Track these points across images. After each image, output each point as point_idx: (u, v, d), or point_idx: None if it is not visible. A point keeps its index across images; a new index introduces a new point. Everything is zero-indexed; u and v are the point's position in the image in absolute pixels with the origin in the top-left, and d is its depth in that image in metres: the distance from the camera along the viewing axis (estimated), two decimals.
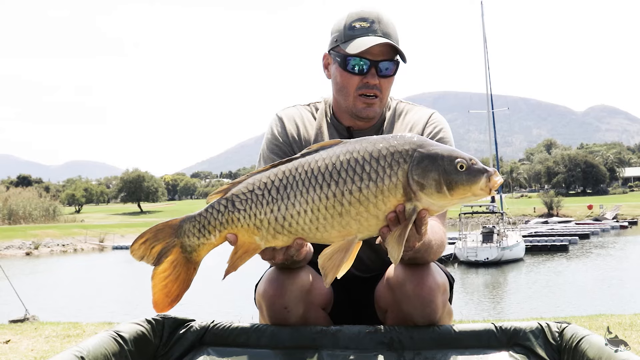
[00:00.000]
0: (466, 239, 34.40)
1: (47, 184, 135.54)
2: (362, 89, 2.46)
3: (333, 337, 2.32)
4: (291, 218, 1.95)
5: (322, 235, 1.96)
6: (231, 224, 2.00)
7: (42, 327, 6.19)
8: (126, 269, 33.77)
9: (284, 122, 2.64)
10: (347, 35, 2.44)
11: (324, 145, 2.01)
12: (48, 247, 49.51)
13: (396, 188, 1.90)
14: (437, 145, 1.95)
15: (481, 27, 48.96)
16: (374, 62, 2.43)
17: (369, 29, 2.42)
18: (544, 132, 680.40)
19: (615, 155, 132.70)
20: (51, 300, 22.35)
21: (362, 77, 2.45)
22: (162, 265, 2.06)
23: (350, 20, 2.46)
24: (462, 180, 1.88)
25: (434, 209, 1.93)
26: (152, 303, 2.07)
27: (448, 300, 2.42)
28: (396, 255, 1.90)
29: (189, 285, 2.09)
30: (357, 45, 2.40)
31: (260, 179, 2.00)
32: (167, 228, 2.07)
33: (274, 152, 2.59)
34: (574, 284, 25.10)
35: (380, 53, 2.43)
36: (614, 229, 58.07)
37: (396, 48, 2.44)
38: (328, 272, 1.95)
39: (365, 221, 1.93)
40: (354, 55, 2.42)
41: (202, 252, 2.06)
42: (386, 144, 1.94)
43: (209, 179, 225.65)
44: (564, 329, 2.27)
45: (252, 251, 2.02)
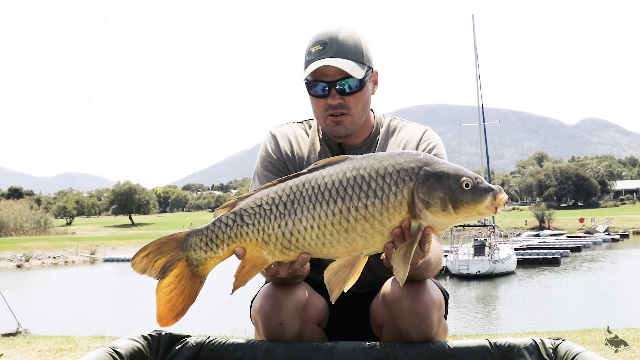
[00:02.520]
0: (458, 252, 34.37)
1: (39, 196, 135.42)
2: (328, 110, 2.50)
3: (328, 353, 2.32)
4: (298, 233, 1.96)
5: (329, 251, 1.98)
6: (239, 238, 2.01)
7: (35, 341, 6.18)
8: (118, 282, 33.69)
9: (277, 140, 2.66)
10: (306, 61, 2.49)
11: (331, 161, 2.03)
12: (39, 259, 49.25)
13: (402, 205, 1.92)
14: (444, 163, 1.97)
15: (472, 40, 49.12)
16: (331, 82, 2.46)
17: (321, 51, 2.45)
18: (535, 145, 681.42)
19: (607, 168, 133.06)
20: (43, 313, 22.24)
21: (325, 100, 2.49)
22: (167, 279, 2.06)
23: (309, 46, 2.50)
24: (467, 199, 1.91)
25: (438, 226, 1.95)
26: (156, 317, 2.06)
27: (443, 316, 2.43)
28: (402, 274, 1.92)
29: (194, 300, 2.08)
30: (308, 70, 2.45)
31: (268, 193, 2.01)
32: (172, 241, 2.07)
33: (268, 169, 2.60)
34: (565, 297, 25.11)
35: (337, 72, 2.44)
36: (605, 242, 58.04)
37: (350, 64, 2.44)
38: (334, 287, 1.97)
39: (371, 237, 1.94)
40: (312, 80, 2.47)
41: (209, 265, 2.06)
42: (392, 161, 1.96)
43: (200, 192, 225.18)
44: (558, 346, 2.28)
45: (259, 266, 2.03)
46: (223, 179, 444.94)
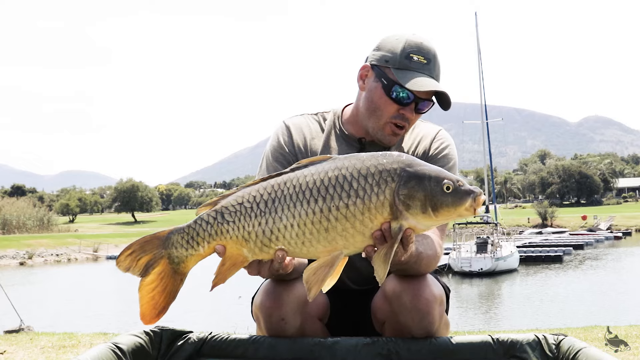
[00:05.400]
0: (460, 250, 34.39)
1: (41, 193, 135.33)
2: (396, 118, 2.45)
3: (330, 349, 2.32)
4: (278, 232, 1.96)
5: (308, 250, 1.97)
6: (220, 236, 2.01)
7: (37, 338, 6.18)
8: (120, 279, 33.66)
9: (291, 131, 2.62)
10: (402, 63, 2.41)
11: (313, 160, 2.03)
12: (42, 257, 49.39)
13: (383, 206, 1.91)
14: (425, 165, 1.97)
15: (475, 38, 49.13)
16: (418, 99, 2.42)
17: (425, 66, 2.41)
18: (538, 143, 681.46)
19: (609, 165, 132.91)
20: (46, 310, 22.28)
21: (400, 107, 2.43)
22: (149, 277, 2.07)
23: (409, 49, 2.42)
24: (447, 203, 1.90)
25: (419, 227, 1.95)
26: (140, 315, 2.08)
27: (445, 311, 2.43)
28: (382, 274, 1.92)
29: (175, 297, 2.09)
30: (414, 82, 2.37)
31: (250, 192, 2.01)
32: (155, 240, 2.08)
33: (278, 160, 2.57)
34: (568, 294, 25.09)
35: (425, 92, 2.42)
36: (608, 240, 58.06)
37: (439, 92, 2.43)
38: (312, 286, 1.95)
39: (351, 237, 1.94)
40: (403, 87, 2.39)
41: (190, 263, 2.07)
42: (375, 161, 1.96)
43: (203, 189, 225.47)
44: (561, 342, 2.28)
45: (239, 263, 2.03)
46: (226, 177, 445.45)
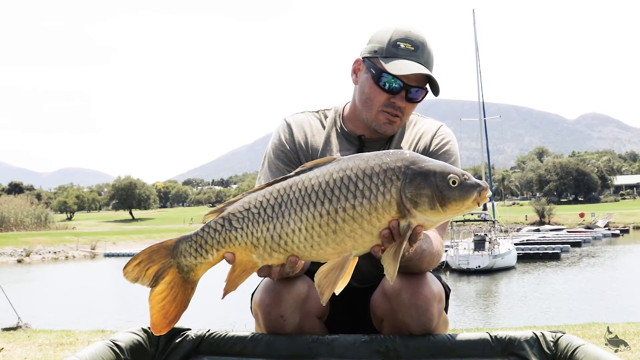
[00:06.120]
0: (458, 247, 34.40)
1: (39, 191, 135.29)
2: (387, 107, 2.45)
3: (329, 346, 2.32)
4: (286, 236, 1.95)
5: (317, 253, 1.97)
6: (228, 243, 2.00)
7: (35, 335, 6.18)
8: (118, 277, 33.49)
9: (292, 129, 2.62)
10: (389, 51, 2.42)
11: (317, 162, 2.02)
12: (39, 254, 49.29)
13: (390, 205, 1.91)
14: (430, 161, 1.96)
15: (473, 35, 49.10)
16: (407, 85, 2.42)
17: (412, 52, 2.41)
18: (536, 140, 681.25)
19: (607, 163, 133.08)
20: (43, 307, 22.25)
21: (390, 96, 2.44)
22: (159, 287, 2.05)
23: (397, 38, 2.43)
24: (454, 197, 1.90)
25: (428, 224, 1.95)
26: (150, 325, 2.06)
27: (444, 309, 2.43)
28: (392, 272, 1.91)
29: (187, 306, 2.08)
30: (398, 66, 2.38)
31: (256, 197, 2.00)
32: (162, 249, 2.06)
33: (279, 158, 2.57)
34: (566, 292, 25.10)
35: (415, 79, 2.42)
36: (605, 237, 58.10)
37: (431, 79, 2.44)
38: (324, 289, 1.95)
39: (360, 238, 1.93)
40: (390, 74, 2.40)
41: (200, 271, 2.06)
42: (379, 161, 1.95)
43: (200, 187, 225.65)
44: (559, 339, 2.28)
45: (249, 269, 2.02)
46: (223, 174, 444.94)
